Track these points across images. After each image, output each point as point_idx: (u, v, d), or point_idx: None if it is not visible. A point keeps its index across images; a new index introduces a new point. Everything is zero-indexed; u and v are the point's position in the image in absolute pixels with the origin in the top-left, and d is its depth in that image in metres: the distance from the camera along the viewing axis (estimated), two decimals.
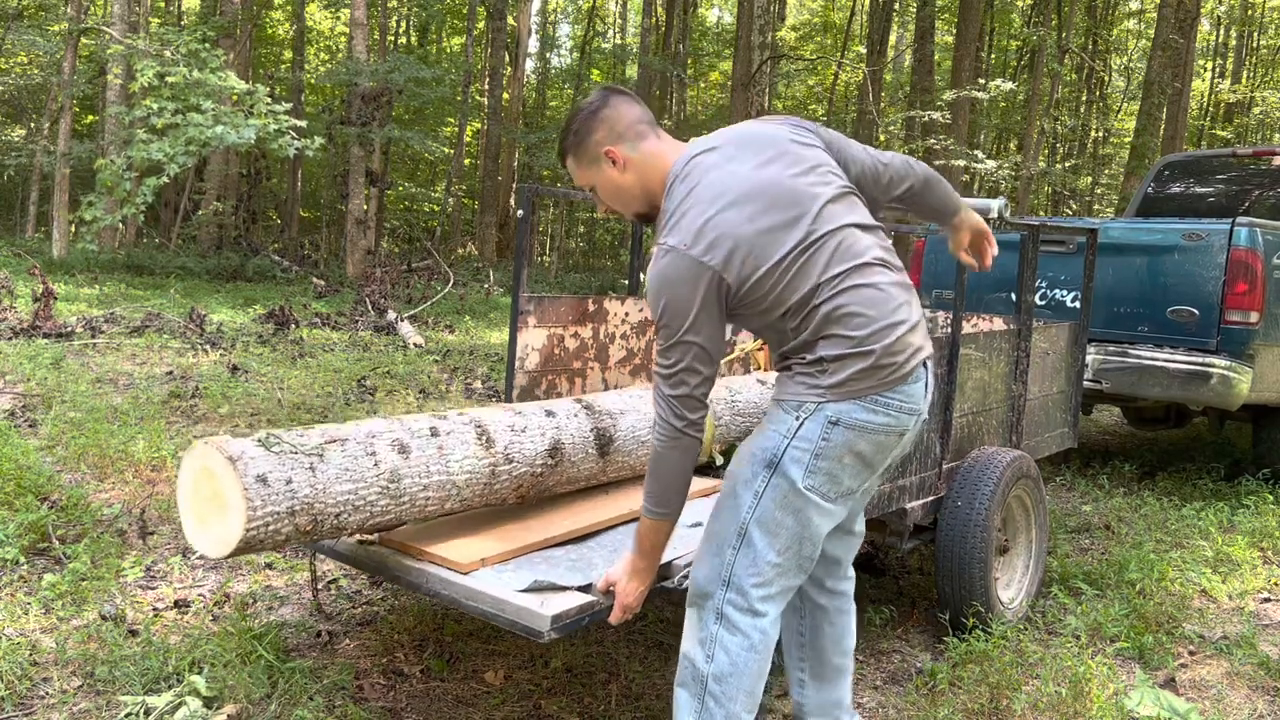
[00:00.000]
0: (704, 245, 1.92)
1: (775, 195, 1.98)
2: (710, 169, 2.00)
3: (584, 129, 2.10)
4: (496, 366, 8.51)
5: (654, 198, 2.10)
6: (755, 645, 2.05)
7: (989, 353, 3.56)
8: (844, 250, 1.98)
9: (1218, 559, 4.34)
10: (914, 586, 3.88)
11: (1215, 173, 7.30)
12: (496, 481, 2.59)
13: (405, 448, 2.39)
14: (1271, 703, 3.04)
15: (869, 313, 1.96)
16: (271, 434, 2.22)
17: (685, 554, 2.48)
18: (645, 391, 3.22)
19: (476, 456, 2.52)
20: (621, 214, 2.19)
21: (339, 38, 25.13)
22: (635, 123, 2.10)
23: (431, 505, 2.45)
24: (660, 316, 1.94)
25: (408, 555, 2.42)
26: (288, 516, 2.12)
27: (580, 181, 2.17)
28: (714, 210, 1.94)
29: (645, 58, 22.44)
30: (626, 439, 2.98)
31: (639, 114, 2.12)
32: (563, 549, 2.53)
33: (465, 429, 2.55)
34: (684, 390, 1.96)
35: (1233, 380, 4.99)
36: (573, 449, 2.79)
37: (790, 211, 1.97)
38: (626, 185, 2.10)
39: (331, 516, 2.21)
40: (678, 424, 1.98)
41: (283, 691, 2.64)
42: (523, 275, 3.48)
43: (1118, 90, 26.78)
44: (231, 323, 10.00)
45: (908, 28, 25.92)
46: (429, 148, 18.35)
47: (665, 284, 1.93)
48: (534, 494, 2.76)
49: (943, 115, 14.22)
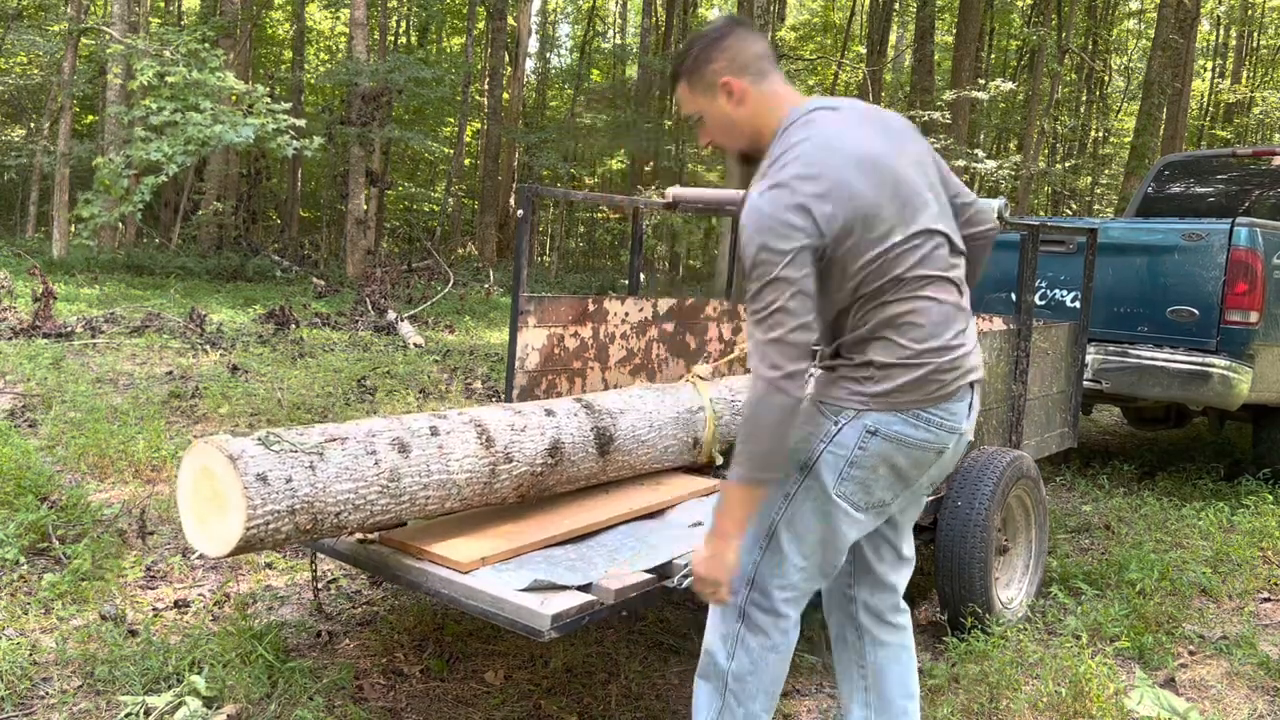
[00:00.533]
0: (816, 191, 1.83)
1: (896, 181, 1.92)
2: (836, 125, 1.94)
3: (704, 56, 2.01)
4: (496, 366, 8.51)
5: (762, 139, 2.02)
6: (776, 646, 2.04)
7: (989, 353, 3.56)
8: (931, 259, 1.94)
9: (1218, 559, 4.34)
10: (914, 586, 3.87)
11: (1215, 173, 7.29)
12: (497, 480, 2.59)
13: (405, 447, 2.39)
14: (1271, 703, 3.04)
15: (930, 328, 1.92)
16: (271, 433, 2.22)
17: (686, 553, 2.48)
18: (645, 390, 3.22)
19: (477, 456, 2.52)
20: (724, 148, 2.12)
21: (339, 38, 25.13)
22: (758, 58, 2.01)
23: (432, 504, 2.45)
24: (756, 254, 1.82)
25: (408, 554, 2.42)
26: (288, 515, 2.12)
27: (688, 109, 2.09)
28: (835, 162, 1.86)
29: (645, 58, 22.43)
30: (626, 438, 2.98)
31: (763, 49, 2.03)
32: (563, 549, 2.53)
33: (465, 428, 2.55)
34: (778, 333, 1.80)
35: (1232, 380, 4.99)
36: (573, 448, 2.79)
37: (905, 204, 1.91)
38: (739, 120, 2.03)
39: (332, 515, 2.21)
40: (772, 374, 1.80)
41: (283, 691, 2.64)
42: (523, 275, 3.48)
43: (1118, 90, 26.79)
44: (231, 323, 10.00)
45: (908, 28, 25.91)
46: (429, 148, 18.35)
47: (765, 220, 1.82)
48: (534, 493, 2.76)
49: (943, 115, 14.21)
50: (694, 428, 3.25)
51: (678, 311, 4.23)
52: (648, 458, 3.09)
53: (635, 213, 4.10)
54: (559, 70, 30.38)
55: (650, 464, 3.13)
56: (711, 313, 4.41)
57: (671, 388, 3.33)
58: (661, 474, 3.24)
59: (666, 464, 3.21)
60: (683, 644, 3.18)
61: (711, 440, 3.32)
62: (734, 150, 2.10)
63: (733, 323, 4.53)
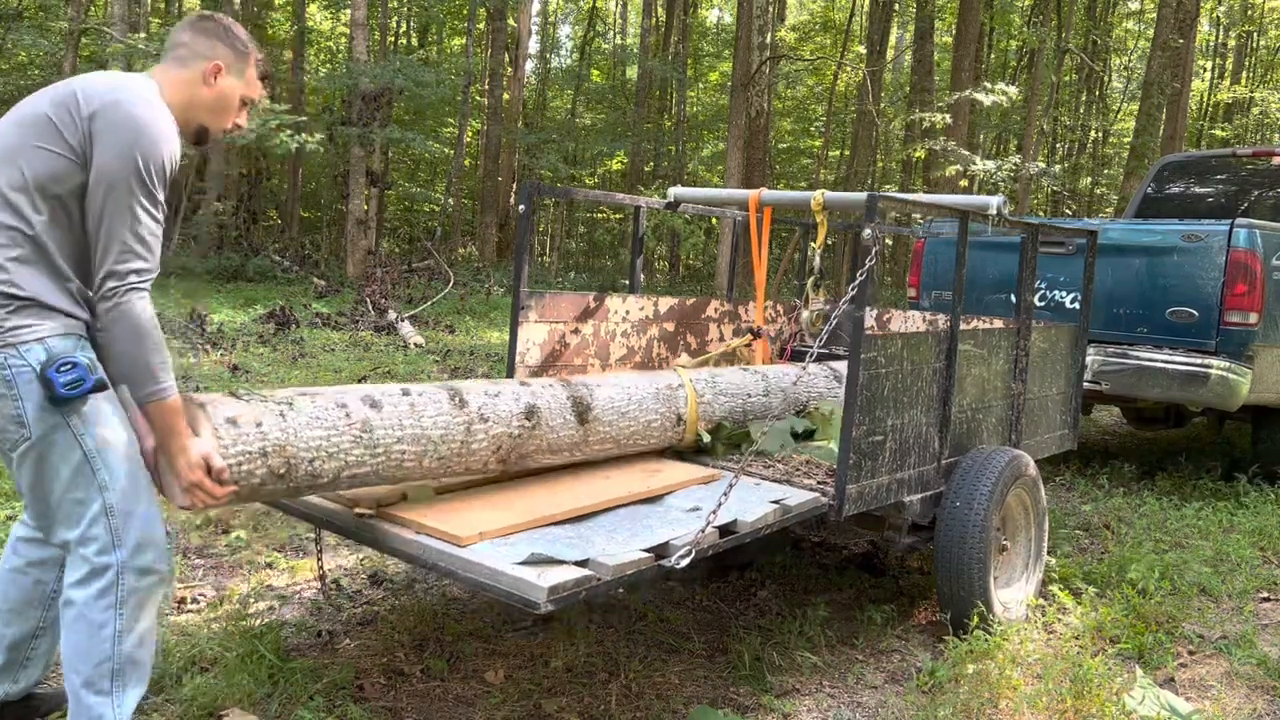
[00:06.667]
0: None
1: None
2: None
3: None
4: (497, 366, 8.51)
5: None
6: None
7: (987, 349, 3.57)
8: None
9: (1218, 559, 4.34)
10: (914, 586, 3.88)
11: (1215, 173, 7.30)
12: (473, 440, 2.61)
13: (377, 403, 2.45)
14: (1271, 702, 3.04)
15: None
16: (243, 388, 2.29)
17: (683, 535, 2.48)
18: (625, 375, 3.24)
19: (450, 414, 2.57)
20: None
21: (339, 38, 25.12)
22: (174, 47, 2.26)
23: (409, 460, 2.47)
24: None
25: (406, 528, 2.43)
26: (260, 457, 2.16)
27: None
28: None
29: (645, 60, 22.43)
30: (605, 408, 3.00)
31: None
32: (561, 528, 2.53)
33: (438, 392, 2.61)
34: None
35: (1232, 381, 4.99)
36: (549, 414, 2.82)
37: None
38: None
39: (305, 462, 2.24)
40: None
41: (283, 691, 2.64)
42: (523, 270, 3.49)
43: (1117, 91, 26.78)
44: (232, 323, 10.00)
45: (908, 28, 25.91)
46: (429, 148, 18.34)
47: None
48: (515, 459, 2.76)
49: (944, 117, 14.21)
50: (675, 404, 3.26)
51: (678, 310, 4.23)
52: (631, 431, 3.09)
53: (636, 212, 4.11)
54: (559, 71, 30.37)
55: (635, 439, 3.13)
56: (712, 313, 4.42)
57: (651, 371, 3.36)
58: (660, 463, 3.24)
59: (653, 440, 3.21)
60: (683, 643, 3.19)
61: (694, 417, 3.32)
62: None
63: (734, 322, 4.53)
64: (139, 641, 2.12)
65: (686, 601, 3.58)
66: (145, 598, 2.12)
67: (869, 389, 2.91)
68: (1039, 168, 15.80)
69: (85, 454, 2.04)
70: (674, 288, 20.40)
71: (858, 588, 3.82)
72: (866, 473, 2.96)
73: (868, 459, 2.96)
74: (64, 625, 2.10)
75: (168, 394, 2.03)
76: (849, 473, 2.88)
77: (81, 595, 2.06)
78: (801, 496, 2.89)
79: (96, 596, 2.06)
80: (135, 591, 2.09)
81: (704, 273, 22.65)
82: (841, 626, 3.39)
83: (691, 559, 2.36)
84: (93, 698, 2.08)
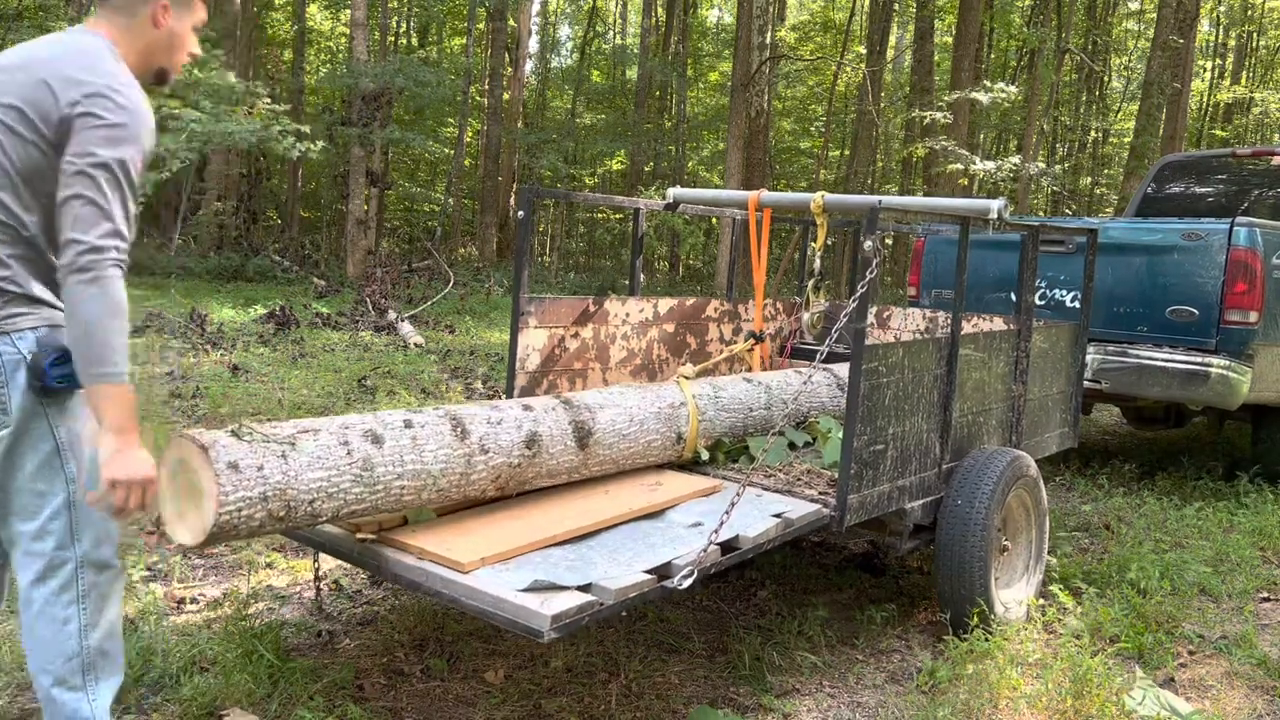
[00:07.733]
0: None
1: None
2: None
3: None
4: (497, 366, 8.51)
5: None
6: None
7: (988, 353, 3.57)
8: None
9: (1218, 559, 4.34)
10: (914, 586, 3.88)
11: (1215, 173, 7.30)
12: (473, 472, 2.60)
13: (379, 438, 2.42)
14: (1271, 702, 3.04)
15: None
16: (244, 425, 2.27)
17: (685, 554, 2.48)
18: (627, 388, 3.23)
19: (451, 447, 2.55)
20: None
21: (339, 38, 25.12)
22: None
23: (408, 495, 2.46)
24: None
25: (408, 554, 2.43)
26: (260, 502, 2.15)
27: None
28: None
29: (646, 60, 22.43)
30: (606, 432, 2.99)
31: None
32: (562, 549, 2.54)
33: (440, 422, 2.58)
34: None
35: (1232, 380, 4.99)
36: (550, 440, 2.81)
37: None
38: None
39: (305, 503, 2.24)
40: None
41: (283, 691, 2.64)
42: (523, 276, 3.49)
43: (1117, 91, 26.77)
44: (232, 323, 10.00)
45: (908, 28, 25.91)
46: (429, 148, 18.36)
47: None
48: (514, 486, 2.76)
49: (944, 116, 14.20)
50: (676, 423, 3.26)
51: (678, 311, 4.23)
52: (630, 452, 3.09)
53: (636, 213, 4.11)
54: (559, 71, 30.37)
55: (634, 459, 3.13)
56: (712, 313, 4.42)
57: (654, 386, 3.35)
58: (661, 475, 3.24)
59: (651, 459, 3.21)
60: (683, 643, 3.19)
61: (695, 435, 3.32)
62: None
63: (733, 322, 4.53)
64: (107, 634, 2.10)
65: (686, 601, 3.58)
66: (107, 591, 2.10)
67: (870, 399, 2.91)
68: (1039, 167, 15.80)
69: (57, 446, 2.01)
70: (674, 288, 20.40)
71: (858, 588, 3.82)
72: (868, 482, 2.96)
73: (869, 468, 2.96)
74: (26, 626, 2.06)
75: (125, 378, 1.95)
76: (850, 483, 2.88)
77: (41, 593, 2.03)
78: (803, 509, 2.89)
79: (57, 592, 2.03)
80: (96, 586, 2.07)
81: (704, 273, 22.64)
82: (841, 626, 3.39)
83: (694, 579, 2.37)
84: (66, 694, 2.06)
